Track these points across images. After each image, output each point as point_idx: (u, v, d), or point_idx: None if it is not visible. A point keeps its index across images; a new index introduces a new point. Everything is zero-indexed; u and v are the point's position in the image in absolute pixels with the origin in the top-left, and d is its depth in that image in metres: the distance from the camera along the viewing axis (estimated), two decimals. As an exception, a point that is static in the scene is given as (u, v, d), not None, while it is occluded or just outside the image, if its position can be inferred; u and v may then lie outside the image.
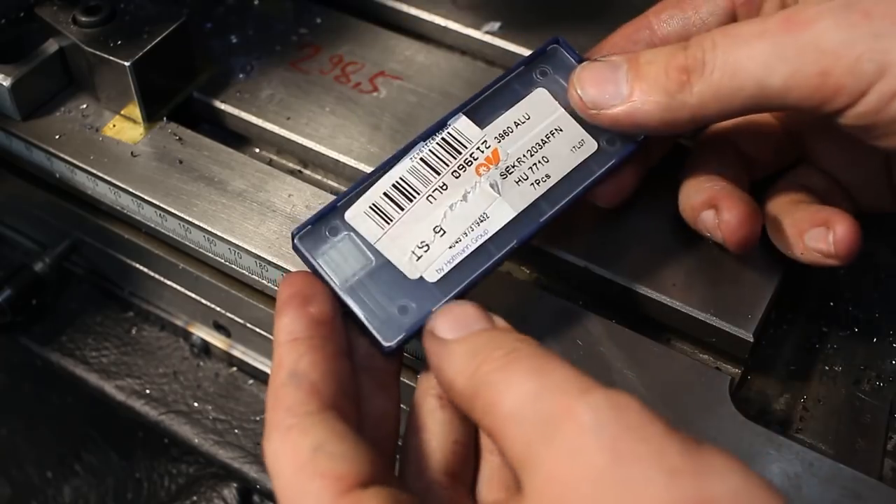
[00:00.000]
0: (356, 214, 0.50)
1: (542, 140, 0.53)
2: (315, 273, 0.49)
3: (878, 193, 0.58)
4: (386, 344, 0.48)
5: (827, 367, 0.59)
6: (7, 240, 0.77)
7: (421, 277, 0.49)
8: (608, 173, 0.53)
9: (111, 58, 0.63)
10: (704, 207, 0.55)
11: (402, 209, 0.51)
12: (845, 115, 0.47)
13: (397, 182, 0.51)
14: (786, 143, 0.59)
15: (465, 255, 0.50)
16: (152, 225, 0.64)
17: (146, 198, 0.62)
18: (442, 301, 0.49)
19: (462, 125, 0.53)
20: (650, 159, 0.59)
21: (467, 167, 0.52)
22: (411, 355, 0.57)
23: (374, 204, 0.51)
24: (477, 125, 0.53)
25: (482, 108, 0.54)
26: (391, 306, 0.49)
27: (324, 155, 0.66)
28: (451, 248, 0.50)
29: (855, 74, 0.45)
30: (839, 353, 0.59)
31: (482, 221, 0.51)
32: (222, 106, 0.68)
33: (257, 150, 0.70)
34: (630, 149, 0.54)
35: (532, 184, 0.52)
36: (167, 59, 0.66)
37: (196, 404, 0.70)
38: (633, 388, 0.53)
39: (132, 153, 0.65)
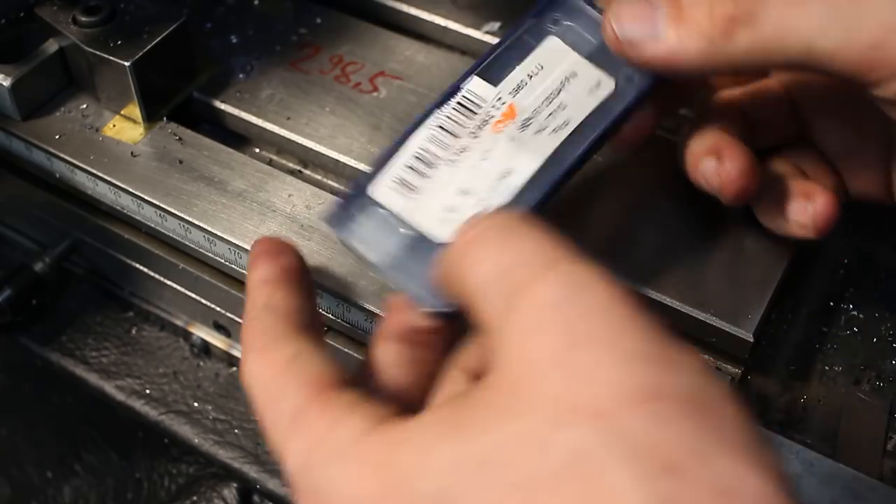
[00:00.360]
0: (381, 189, 0.50)
1: (557, 87, 0.52)
2: (355, 254, 0.49)
3: (871, 180, 0.58)
4: (434, 309, 0.46)
5: (827, 367, 0.59)
6: (7, 240, 0.77)
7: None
8: (629, 111, 0.52)
9: (111, 58, 0.63)
10: (706, 155, 0.54)
11: (426, 177, 0.50)
12: (882, 88, 0.47)
13: (418, 152, 0.51)
14: (789, 115, 0.59)
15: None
16: (152, 225, 0.64)
17: (146, 198, 0.62)
18: None
19: (475, 86, 0.52)
20: (673, 103, 0.58)
21: (485, 126, 0.51)
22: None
23: (397, 177, 0.50)
24: (490, 84, 0.52)
25: (494, 66, 0.53)
26: (428, 276, 0.46)
27: (324, 155, 0.66)
28: (478, 208, 0.49)
29: None
30: (839, 353, 0.59)
31: (507, 176, 0.50)
32: (222, 106, 0.69)
33: (257, 150, 0.70)
34: (648, 82, 0.52)
35: (552, 131, 0.51)
36: (167, 59, 0.66)
37: (196, 404, 0.70)
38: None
39: (132, 153, 0.65)
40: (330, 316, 0.59)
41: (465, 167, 0.50)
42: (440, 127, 0.51)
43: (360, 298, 0.57)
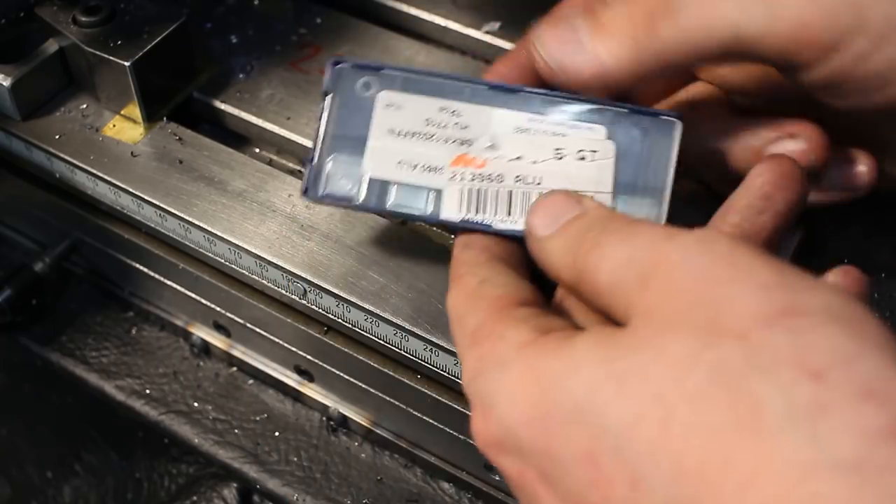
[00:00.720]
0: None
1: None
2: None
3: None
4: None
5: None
6: (7, 240, 0.77)
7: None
8: None
9: (111, 58, 0.63)
10: (775, 140, 0.52)
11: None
12: (813, 70, 0.46)
13: (430, 118, 0.50)
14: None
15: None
16: (152, 225, 0.64)
17: (146, 198, 0.62)
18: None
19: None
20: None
21: (459, 147, 0.50)
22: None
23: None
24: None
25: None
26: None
27: (324, 155, 0.66)
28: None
29: (833, 28, 0.44)
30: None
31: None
32: (222, 106, 0.68)
33: (257, 150, 0.70)
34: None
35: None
36: (167, 59, 0.66)
37: (196, 404, 0.70)
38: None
39: (132, 153, 0.65)
40: (330, 316, 0.59)
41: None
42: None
43: (360, 299, 0.57)
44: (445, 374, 0.56)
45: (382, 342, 0.58)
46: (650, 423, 0.34)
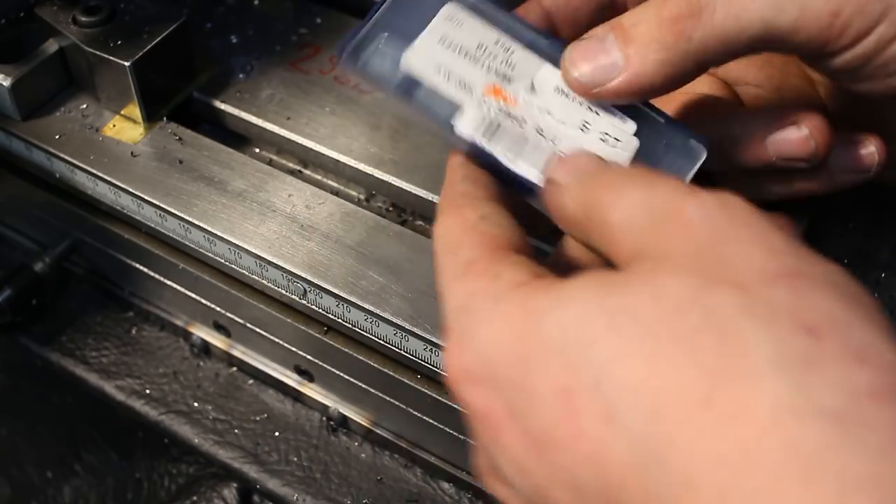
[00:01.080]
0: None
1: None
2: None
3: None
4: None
5: (827, 367, 0.58)
6: (7, 240, 0.77)
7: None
8: None
9: (111, 58, 0.63)
10: (777, 129, 0.52)
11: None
12: (841, 56, 0.47)
13: (484, 45, 0.50)
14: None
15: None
16: (152, 225, 0.64)
17: (146, 198, 0.62)
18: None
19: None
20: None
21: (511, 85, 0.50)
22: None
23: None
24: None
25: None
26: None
27: (324, 155, 0.66)
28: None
29: (863, 14, 0.45)
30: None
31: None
32: (222, 106, 0.69)
33: (257, 150, 0.70)
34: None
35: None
36: (167, 59, 0.66)
37: (196, 404, 0.70)
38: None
39: (132, 153, 0.65)
40: (330, 316, 0.59)
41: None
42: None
43: (360, 299, 0.57)
44: (446, 374, 0.56)
45: (382, 342, 0.58)
46: (635, 360, 0.33)
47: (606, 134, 0.50)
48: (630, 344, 0.34)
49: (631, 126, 0.50)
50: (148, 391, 0.70)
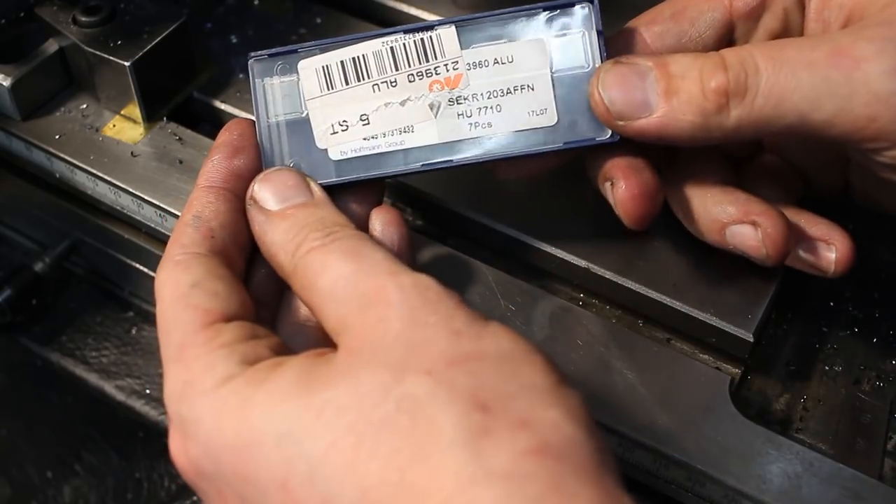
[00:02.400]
0: (308, 68, 0.52)
1: (508, 88, 0.51)
2: (252, 97, 0.53)
3: (831, 183, 0.58)
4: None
5: (827, 367, 0.59)
6: (7, 240, 0.77)
7: (326, 150, 0.52)
8: (552, 152, 0.51)
9: (111, 58, 0.63)
10: (738, 222, 0.52)
11: (346, 84, 0.52)
12: (882, 154, 0.48)
13: (357, 57, 0.52)
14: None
15: (372, 152, 0.52)
16: (152, 225, 0.64)
17: (146, 198, 0.62)
18: (331, 180, 0.51)
19: (446, 35, 0.51)
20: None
21: (424, 77, 0.52)
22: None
23: (326, 66, 0.52)
24: (460, 42, 0.52)
25: (475, 30, 0.52)
26: (288, 158, 0.52)
27: (324, 155, 0.66)
28: (364, 139, 0.52)
29: None
30: (839, 353, 0.59)
31: (405, 132, 0.51)
32: (222, 106, 0.68)
33: (257, 150, 0.70)
34: (591, 141, 0.51)
35: (470, 123, 0.51)
36: (167, 59, 0.66)
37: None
38: (632, 388, 0.53)
39: (132, 153, 0.65)
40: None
41: (382, 99, 0.51)
42: (391, 49, 0.52)
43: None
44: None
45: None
46: (341, 450, 0.38)
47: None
48: (336, 436, 0.38)
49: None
50: (148, 391, 0.70)
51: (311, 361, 0.42)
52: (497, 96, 0.51)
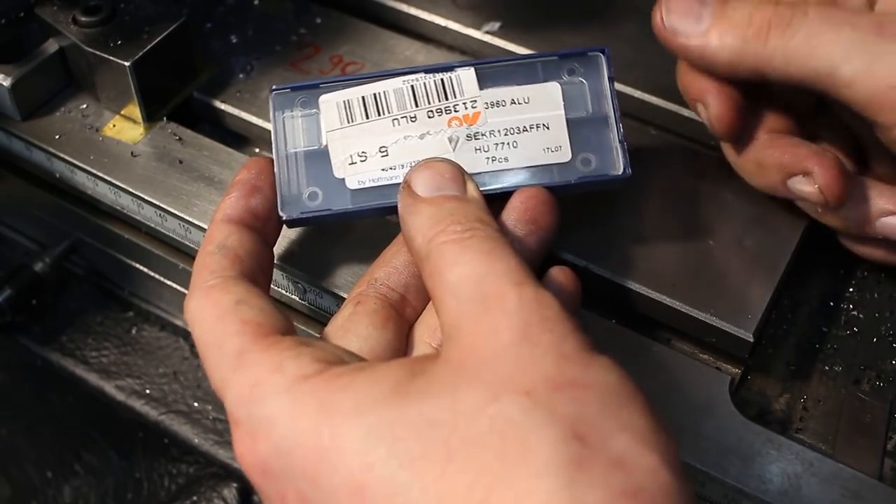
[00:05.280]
0: (328, 101, 0.53)
1: (524, 126, 0.53)
2: (272, 128, 0.53)
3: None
4: (283, 214, 0.52)
5: (827, 367, 0.59)
6: (7, 240, 0.77)
7: (343, 179, 0.52)
8: (562, 189, 0.53)
9: (111, 58, 0.63)
10: (794, 174, 0.55)
11: (366, 118, 0.53)
12: (884, 130, 0.50)
13: (378, 94, 0.53)
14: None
15: (389, 182, 0.52)
16: (152, 225, 0.64)
17: (146, 198, 0.62)
18: (347, 209, 0.52)
19: (466, 76, 0.53)
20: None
21: (444, 114, 0.53)
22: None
23: (347, 101, 0.53)
24: (479, 83, 0.53)
25: (494, 73, 0.54)
26: (305, 188, 0.52)
27: (324, 155, 0.66)
28: (383, 170, 0.52)
29: None
30: (839, 353, 0.59)
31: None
32: (222, 106, 0.68)
33: (257, 150, 0.70)
34: (604, 177, 0.53)
35: (487, 158, 0.53)
36: (167, 59, 0.66)
37: (196, 404, 0.70)
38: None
39: (132, 153, 0.65)
40: (330, 316, 0.59)
41: (401, 133, 0.52)
42: (412, 87, 0.53)
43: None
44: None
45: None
46: (429, 464, 0.37)
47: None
48: (425, 447, 0.37)
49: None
50: (148, 391, 0.70)
51: (408, 370, 0.41)
52: (513, 133, 0.53)
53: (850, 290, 0.62)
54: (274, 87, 0.54)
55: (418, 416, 0.38)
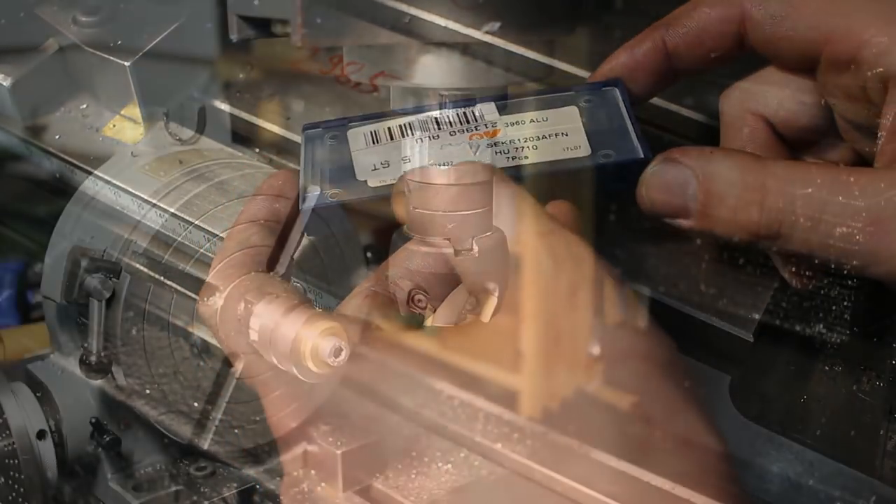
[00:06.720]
0: (356, 132, 0.55)
1: (544, 135, 0.54)
2: (300, 156, 0.55)
3: None
4: (304, 204, 0.52)
5: (827, 367, 0.59)
6: (7, 240, 0.77)
7: (365, 181, 0.53)
8: (583, 169, 0.53)
9: (111, 58, 0.63)
10: None
11: (392, 139, 0.54)
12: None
13: (403, 124, 0.55)
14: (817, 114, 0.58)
15: None
16: (152, 225, 0.64)
17: (146, 198, 0.62)
18: (365, 196, 0.52)
19: (486, 108, 0.55)
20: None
21: (465, 133, 0.54)
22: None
23: (374, 131, 0.55)
24: (498, 111, 0.55)
25: (514, 104, 0.56)
26: (328, 189, 0.53)
27: (324, 155, 0.66)
28: (397, 173, 0.53)
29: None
30: (839, 353, 0.59)
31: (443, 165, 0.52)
32: (222, 106, 0.68)
33: (257, 150, 0.70)
34: (623, 159, 0.53)
35: (508, 157, 0.54)
36: (167, 59, 0.65)
37: (196, 404, 0.70)
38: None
39: (132, 153, 0.65)
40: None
41: (423, 146, 0.54)
42: (436, 119, 0.55)
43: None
44: None
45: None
46: None
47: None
48: None
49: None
50: (148, 391, 0.70)
51: None
52: (533, 140, 0.54)
53: (850, 290, 0.62)
54: (305, 124, 0.55)
55: None
